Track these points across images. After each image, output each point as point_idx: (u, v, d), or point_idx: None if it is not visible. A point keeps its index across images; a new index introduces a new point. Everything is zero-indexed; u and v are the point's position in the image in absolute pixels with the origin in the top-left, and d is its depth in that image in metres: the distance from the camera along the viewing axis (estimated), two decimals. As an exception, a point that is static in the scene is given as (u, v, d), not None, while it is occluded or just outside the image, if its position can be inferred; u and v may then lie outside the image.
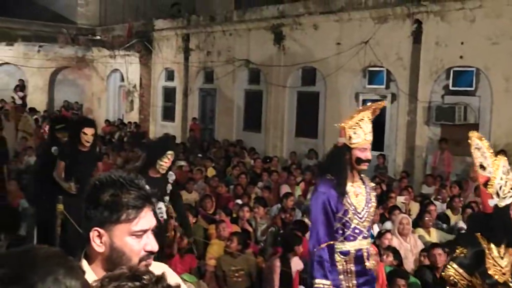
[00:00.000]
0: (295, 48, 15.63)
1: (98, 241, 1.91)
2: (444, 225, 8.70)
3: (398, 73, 13.46)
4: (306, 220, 8.20)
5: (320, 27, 14.95)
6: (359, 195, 4.33)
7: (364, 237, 4.33)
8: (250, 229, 8.14)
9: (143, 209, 1.92)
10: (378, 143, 14.06)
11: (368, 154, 4.27)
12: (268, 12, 16.31)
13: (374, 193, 4.48)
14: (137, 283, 1.41)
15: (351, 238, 4.26)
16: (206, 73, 19.00)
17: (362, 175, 4.43)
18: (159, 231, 5.85)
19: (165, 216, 6.08)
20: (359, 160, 4.23)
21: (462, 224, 8.44)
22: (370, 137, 4.29)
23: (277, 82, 16.11)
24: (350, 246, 4.27)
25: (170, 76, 20.62)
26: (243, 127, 17.74)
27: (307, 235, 7.57)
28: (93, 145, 7.18)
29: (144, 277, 1.43)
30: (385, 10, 13.47)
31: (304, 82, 15.92)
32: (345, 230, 4.25)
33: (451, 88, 12.71)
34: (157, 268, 2.07)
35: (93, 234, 1.91)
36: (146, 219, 1.93)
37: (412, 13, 13.00)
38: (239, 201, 9.40)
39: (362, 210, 4.31)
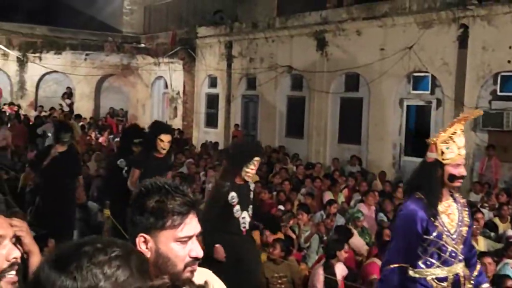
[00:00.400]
0: (338, 54, 15.55)
1: (144, 247, 1.93)
2: (492, 234, 8.49)
3: (443, 79, 13.24)
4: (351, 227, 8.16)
5: (363, 33, 14.84)
6: (451, 215, 3.99)
7: (460, 260, 3.99)
8: (294, 236, 8.11)
9: (188, 216, 1.94)
10: (423, 149, 13.85)
11: (462, 170, 3.91)
12: (310, 18, 16.28)
13: (467, 211, 4.12)
14: None
15: (449, 262, 3.94)
16: (249, 79, 19.07)
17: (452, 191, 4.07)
18: (241, 242, 5.62)
19: (247, 227, 5.72)
20: (453, 177, 3.88)
21: (511, 233, 8.23)
22: (464, 151, 3.95)
23: (320, 88, 16.05)
24: (447, 271, 3.94)
25: (213, 83, 20.77)
26: (285, 133, 17.72)
27: (351, 241, 7.54)
28: (168, 152, 6.88)
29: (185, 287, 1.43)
30: (429, 15, 13.28)
31: (347, 88, 15.82)
32: (442, 254, 3.92)
33: (498, 93, 12.44)
34: (202, 274, 2.08)
35: (139, 240, 1.94)
36: (191, 225, 1.95)
37: (458, 18, 12.77)
38: (281, 207, 9.39)
39: (455, 232, 3.96)
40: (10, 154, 14.45)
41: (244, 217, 5.63)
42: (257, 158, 5.61)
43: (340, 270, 6.50)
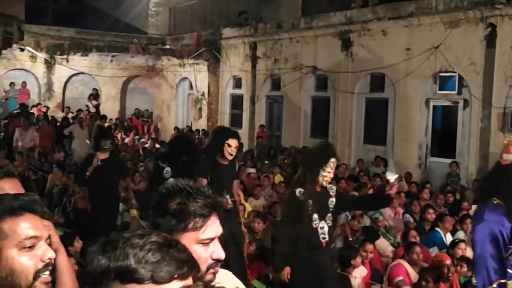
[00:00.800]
0: (363, 54, 15.45)
1: None
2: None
3: (470, 78, 13.06)
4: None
5: (388, 33, 14.72)
6: None
7: None
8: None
9: (210, 218, 1.93)
10: (450, 150, 13.71)
11: None
12: (335, 18, 16.20)
13: None
14: None
15: None
16: (273, 80, 19.06)
17: None
18: (319, 256, 5.18)
19: (327, 238, 5.26)
20: None
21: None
22: None
23: (345, 88, 15.96)
24: None
25: (237, 83, 20.82)
26: (310, 134, 17.67)
27: (377, 243, 7.48)
28: (233, 159, 6.42)
29: None
30: (456, 14, 13.12)
31: (372, 88, 15.70)
32: None
33: (527, 93, 12.24)
34: (223, 275, 2.08)
35: None
36: (213, 227, 1.94)
37: (486, 17, 12.59)
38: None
39: None
40: (37, 155, 14.66)
41: (323, 227, 5.21)
42: (333, 160, 5.22)
43: (359, 273, 6.43)
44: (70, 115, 20.39)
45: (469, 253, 6.87)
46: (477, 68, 12.83)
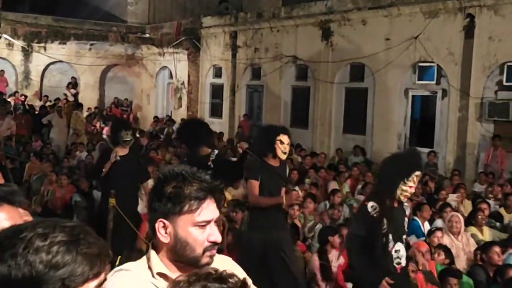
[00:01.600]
0: (343, 44, 15.50)
1: (163, 232, 1.99)
2: (498, 224, 8.50)
3: (449, 69, 13.20)
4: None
5: (368, 23, 14.79)
6: None
7: None
8: (299, 225, 8.14)
9: (205, 200, 1.98)
10: (428, 140, 13.86)
11: None
12: (316, 8, 16.23)
13: None
14: (224, 285, 1.45)
15: None
16: (254, 69, 19.05)
17: None
18: (395, 281, 4.41)
19: (403, 263, 4.49)
20: None
21: (516, 223, 8.23)
22: None
23: (325, 78, 16.02)
24: None
25: (217, 73, 20.76)
26: (290, 124, 17.65)
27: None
28: (283, 161, 5.64)
29: (230, 280, 1.47)
30: (436, 5, 13.23)
31: (352, 78, 15.78)
32: None
33: (505, 83, 12.39)
34: (221, 260, 2.11)
35: (158, 225, 1.99)
36: (209, 210, 1.99)
37: (464, 8, 12.72)
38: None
39: None
40: (15, 144, 14.50)
41: (398, 250, 4.45)
42: (417, 173, 4.40)
43: (336, 258, 6.50)
44: (48, 104, 20.15)
45: (446, 241, 6.98)
46: (456, 58, 12.96)
